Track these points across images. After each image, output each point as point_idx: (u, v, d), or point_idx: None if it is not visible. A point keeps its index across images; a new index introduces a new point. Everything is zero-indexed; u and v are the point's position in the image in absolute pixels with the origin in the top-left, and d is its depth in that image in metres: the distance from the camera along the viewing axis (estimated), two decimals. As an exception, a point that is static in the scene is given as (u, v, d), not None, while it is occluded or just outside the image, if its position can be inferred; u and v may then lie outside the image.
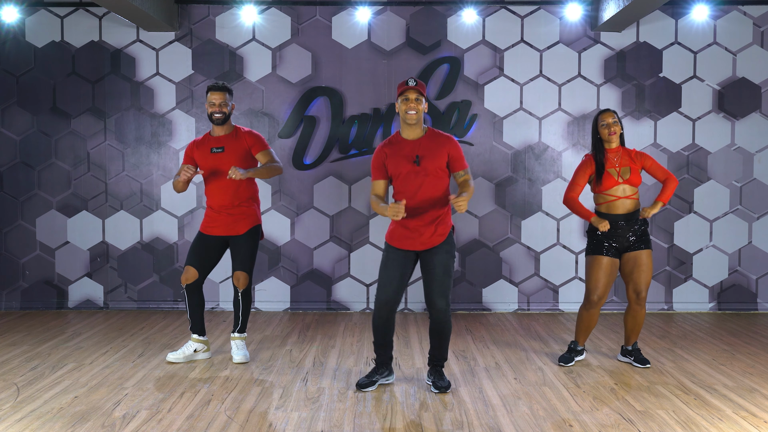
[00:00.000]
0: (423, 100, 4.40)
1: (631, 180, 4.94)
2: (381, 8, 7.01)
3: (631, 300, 5.05)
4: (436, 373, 4.59)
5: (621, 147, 5.03)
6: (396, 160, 4.42)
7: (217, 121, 5.12)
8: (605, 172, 4.95)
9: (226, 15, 7.03)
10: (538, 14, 7.05)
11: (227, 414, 4.09)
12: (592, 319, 5.09)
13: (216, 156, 5.13)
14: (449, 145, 4.45)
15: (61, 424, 3.90)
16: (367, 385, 4.55)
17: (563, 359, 5.15)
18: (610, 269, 4.99)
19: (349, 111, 7.05)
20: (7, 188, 7.15)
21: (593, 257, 5.02)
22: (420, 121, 4.44)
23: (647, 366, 5.05)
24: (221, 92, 5.11)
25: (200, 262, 5.18)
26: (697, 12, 6.95)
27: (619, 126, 4.97)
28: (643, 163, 5.01)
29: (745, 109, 7.07)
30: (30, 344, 5.70)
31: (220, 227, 5.18)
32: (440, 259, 4.43)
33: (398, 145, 4.46)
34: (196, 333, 5.26)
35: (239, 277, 5.19)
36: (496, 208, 7.11)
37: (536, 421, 4.00)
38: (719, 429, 3.87)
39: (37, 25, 7.06)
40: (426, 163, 4.38)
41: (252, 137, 5.21)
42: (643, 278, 4.98)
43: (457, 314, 7.00)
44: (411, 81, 4.39)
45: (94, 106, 7.09)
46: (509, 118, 7.08)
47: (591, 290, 5.01)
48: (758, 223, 7.13)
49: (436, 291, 4.41)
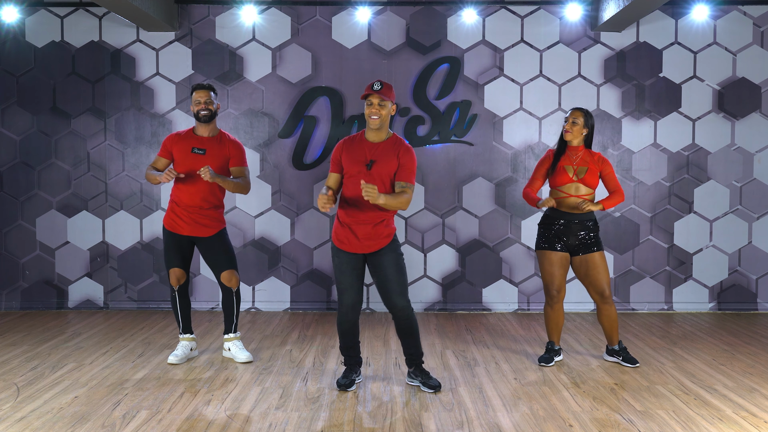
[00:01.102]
0: (388, 104, 4.35)
1: (586, 180, 4.98)
2: (381, 8, 7.01)
3: (597, 301, 5.10)
4: (421, 373, 4.59)
5: (584, 147, 5.07)
6: (350, 159, 4.42)
7: (203, 118, 5.08)
8: (560, 167, 5.01)
9: (226, 15, 7.03)
10: (538, 14, 7.05)
11: (227, 414, 4.09)
12: (559, 316, 5.14)
13: (196, 157, 5.09)
14: (403, 154, 4.39)
15: (61, 424, 3.90)
16: (348, 385, 4.56)
17: (543, 359, 5.16)
18: (561, 262, 5.05)
19: (349, 111, 7.05)
20: (7, 188, 7.15)
21: (543, 252, 5.09)
22: (384, 125, 4.39)
23: (636, 365, 5.06)
24: (206, 90, 5.11)
25: (181, 262, 5.17)
26: (697, 12, 6.95)
27: (579, 128, 4.99)
28: (602, 168, 5.04)
29: (745, 109, 7.07)
30: (30, 344, 5.70)
31: (186, 226, 5.11)
32: (389, 259, 4.41)
33: (358, 144, 4.46)
34: (188, 332, 5.29)
35: (230, 277, 5.18)
36: (496, 208, 7.12)
37: (536, 421, 4.00)
38: (719, 429, 3.88)
39: (37, 25, 7.06)
40: (376, 168, 4.37)
41: (236, 149, 5.18)
42: (601, 278, 5.02)
43: (457, 314, 7.00)
44: (376, 84, 4.34)
45: (94, 106, 7.09)
46: (509, 118, 7.08)
47: (548, 284, 5.08)
48: (758, 223, 7.14)
49: (393, 290, 4.41)
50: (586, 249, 5.02)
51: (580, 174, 4.98)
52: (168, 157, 5.17)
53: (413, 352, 4.59)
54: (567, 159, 5.04)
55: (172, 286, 5.20)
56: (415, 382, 4.62)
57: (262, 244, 7.12)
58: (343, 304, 4.50)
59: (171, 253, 5.17)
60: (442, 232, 7.12)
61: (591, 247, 5.02)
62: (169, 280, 5.19)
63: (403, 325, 4.50)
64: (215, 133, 5.19)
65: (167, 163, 5.19)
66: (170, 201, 5.19)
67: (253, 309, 7.15)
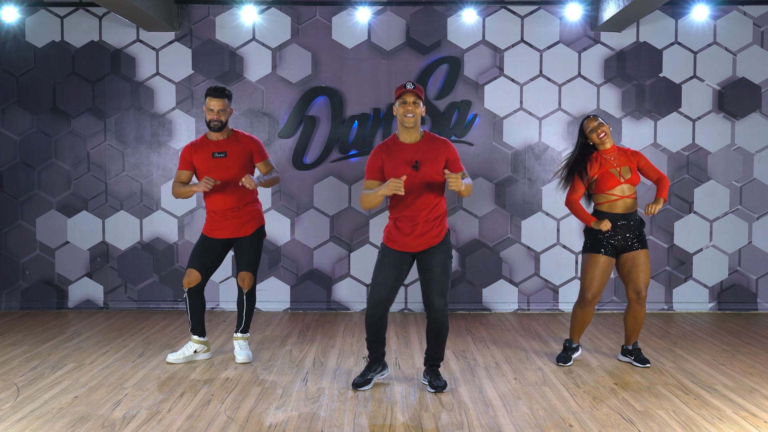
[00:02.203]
0: (421, 104, 4.40)
1: (632, 179, 4.97)
2: (381, 8, 7.01)
3: (632, 300, 5.05)
4: (432, 372, 4.60)
5: (615, 146, 5.05)
6: (394, 164, 4.41)
7: (214, 128, 5.05)
8: (606, 172, 4.97)
9: (226, 15, 7.03)
10: (538, 14, 7.05)
11: (227, 414, 4.09)
12: (587, 317, 5.11)
13: (219, 161, 5.07)
14: (447, 149, 4.45)
15: (61, 424, 3.90)
16: (362, 384, 4.56)
17: (561, 359, 5.15)
18: (606, 268, 5.00)
19: (349, 111, 7.05)
20: (7, 188, 7.15)
21: (591, 255, 5.03)
22: (418, 124, 4.43)
23: (647, 366, 5.05)
24: (221, 99, 4.98)
25: (203, 265, 5.16)
26: (697, 12, 6.94)
27: (606, 125, 4.99)
28: (638, 162, 5.03)
29: (745, 109, 7.07)
30: (30, 344, 5.70)
31: (226, 230, 5.14)
32: (438, 260, 4.43)
33: (397, 149, 4.46)
34: (197, 334, 5.25)
35: (244, 278, 5.18)
36: (496, 208, 7.11)
37: (536, 421, 4.00)
38: (719, 429, 3.87)
39: (37, 25, 7.05)
40: (425, 168, 4.38)
41: (255, 144, 5.20)
42: (642, 278, 4.99)
43: (457, 314, 7.00)
44: (409, 84, 4.39)
45: (94, 106, 7.09)
46: (509, 118, 7.08)
47: (586, 288, 5.03)
48: (758, 223, 7.13)
49: (435, 291, 4.41)
50: (633, 247, 5.00)
51: (625, 174, 4.96)
52: (189, 168, 5.15)
53: (434, 354, 4.59)
54: (607, 163, 4.99)
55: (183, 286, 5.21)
56: (425, 380, 4.64)
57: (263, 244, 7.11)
58: (371, 298, 4.49)
59: (197, 255, 5.17)
60: (442, 232, 7.11)
61: (637, 244, 5.00)
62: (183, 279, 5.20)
63: (435, 326, 4.49)
64: (229, 133, 5.17)
65: (190, 175, 5.17)
66: (207, 211, 5.20)
67: (253, 309, 7.15)
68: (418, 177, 4.36)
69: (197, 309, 5.21)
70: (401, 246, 4.46)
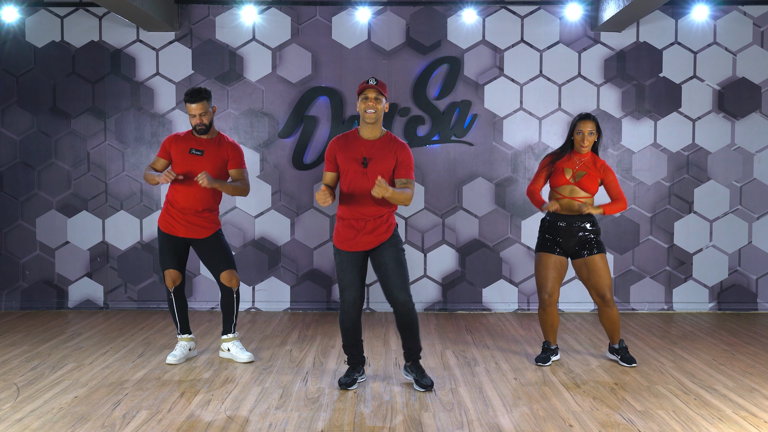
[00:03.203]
0: (383, 100, 4.42)
1: (583, 183, 4.97)
2: (381, 8, 7.01)
3: (599, 304, 5.10)
4: (416, 369, 4.60)
5: (591, 153, 5.08)
6: (345, 158, 4.45)
7: (200, 131, 5.04)
8: (559, 168, 5.03)
9: (226, 15, 7.03)
10: (538, 14, 7.05)
11: (227, 414, 4.09)
12: (553, 318, 5.13)
13: (193, 158, 5.07)
14: (400, 151, 4.46)
15: (61, 424, 3.90)
16: (350, 384, 4.56)
17: (540, 359, 5.16)
18: (556, 265, 5.04)
19: (349, 111, 7.05)
20: (7, 188, 7.15)
21: (539, 254, 5.10)
22: (379, 120, 4.45)
23: (633, 365, 5.07)
24: (199, 102, 4.94)
25: (177, 263, 5.17)
26: (697, 12, 6.95)
27: (594, 136, 4.99)
28: (604, 176, 5.05)
29: (745, 109, 7.07)
30: (30, 344, 5.71)
31: (181, 228, 5.10)
32: (390, 254, 4.45)
33: (352, 142, 4.49)
34: (186, 333, 5.29)
35: (230, 277, 5.18)
36: (496, 208, 7.11)
37: (536, 421, 4.00)
38: (719, 429, 3.88)
39: (37, 25, 7.05)
40: (373, 166, 4.40)
41: (234, 151, 5.16)
42: (602, 281, 5.01)
43: (457, 314, 7.00)
44: (371, 80, 4.42)
45: (94, 106, 7.09)
46: (509, 118, 7.08)
47: (540, 288, 5.08)
48: (758, 223, 7.13)
49: (395, 285, 4.43)
50: (586, 251, 5.02)
51: (578, 177, 4.99)
52: (166, 157, 5.15)
53: (411, 346, 4.60)
54: (569, 161, 5.04)
55: (167, 288, 5.21)
56: (409, 377, 4.65)
57: (262, 244, 7.12)
58: (344, 301, 4.52)
59: (166, 255, 5.16)
60: (442, 232, 7.12)
61: (591, 249, 5.02)
62: (165, 281, 5.19)
63: (403, 319, 4.51)
64: (214, 135, 5.18)
65: (166, 164, 5.17)
66: (165, 202, 5.18)
67: (253, 309, 7.15)
68: (366, 174, 4.39)
69: (182, 309, 5.26)
70: (352, 245, 4.46)
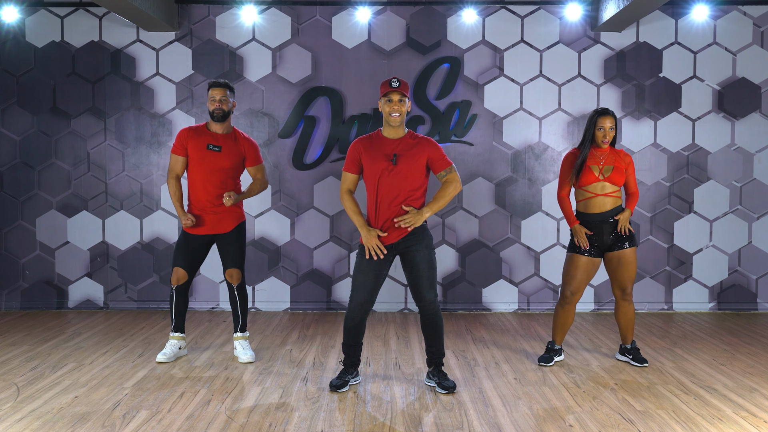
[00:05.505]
0: (406, 101, 4.41)
1: (613, 178, 4.96)
2: (381, 8, 7.01)
3: (618, 297, 5.09)
4: (439, 373, 4.58)
5: (610, 147, 5.06)
6: (372, 156, 4.41)
7: (217, 117, 5.09)
8: (586, 167, 4.98)
9: (226, 15, 7.03)
10: (538, 14, 7.05)
11: (227, 414, 4.09)
12: (568, 317, 5.12)
13: (212, 154, 5.11)
14: (429, 147, 4.44)
15: (61, 424, 3.90)
16: (341, 386, 4.53)
17: (543, 359, 5.15)
18: (586, 267, 5.02)
19: (349, 111, 7.05)
20: (7, 188, 7.15)
21: (572, 255, 5.08)
22: (403, 122, 4.44)
23: (645, 365, 5.06)
24: (222, 88, 5.10)
25: (188, 263, 5.19)
26: (697, 12, 6.95)
27: (614, 131, 4.98)
28: (627, 167, 5.04)
29: (745, 109, 7.08)
30: (30, 344, 5.71)
31: (205, 227, 5.15)
32: (423, 256, 4.44)
33: (377, 142, 4.46)
34: (179, 331, 5.31)
35: (232, 274, 5.21)
36: (496, 208, 7.12)
37: (536, 421, 4.00)
38: (719, 429, 3.88)
39: (37, 25, 7.06)
40: (403, 162, 4.38)
41: (251, 147, 5.23)
42: (627, 275, 5.01)
43: (457, 314, 7.00)
44: (394, 82, 4.38)
45: (94, 106, 7.09)
46: (509, 118, 7.08)
47: (565, 284, 5.06)
48: (758, 223, 7.14)
49: (424, 285, 4.43)
50: (620, 244, 5.01)
51: (606, 173, 4.96)
52: (183, 153, 5.16)
53: (435, 350, 4.59)
54: (593, 158, 5.00)
55: (171, 284, 5.23)
56: (431, 382, 4.62)
57: (262, 244, 7.12)
58: (353, 301, 4.49)
59: (180, 252, 5.19)
60: (442, 232, 7.12)
61: (625, 242, 5.00)
62: (171, 277, 5.22)
63: (428, 321, 4.51)
64: (229, 130, 5.20)
65: (184, 161, 5.17)
66: (188, 205, 5.23)
67: (253, 309, 7.15)
68: (395, 171, 4.37)
69: (181, 306, 5.27)
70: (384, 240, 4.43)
